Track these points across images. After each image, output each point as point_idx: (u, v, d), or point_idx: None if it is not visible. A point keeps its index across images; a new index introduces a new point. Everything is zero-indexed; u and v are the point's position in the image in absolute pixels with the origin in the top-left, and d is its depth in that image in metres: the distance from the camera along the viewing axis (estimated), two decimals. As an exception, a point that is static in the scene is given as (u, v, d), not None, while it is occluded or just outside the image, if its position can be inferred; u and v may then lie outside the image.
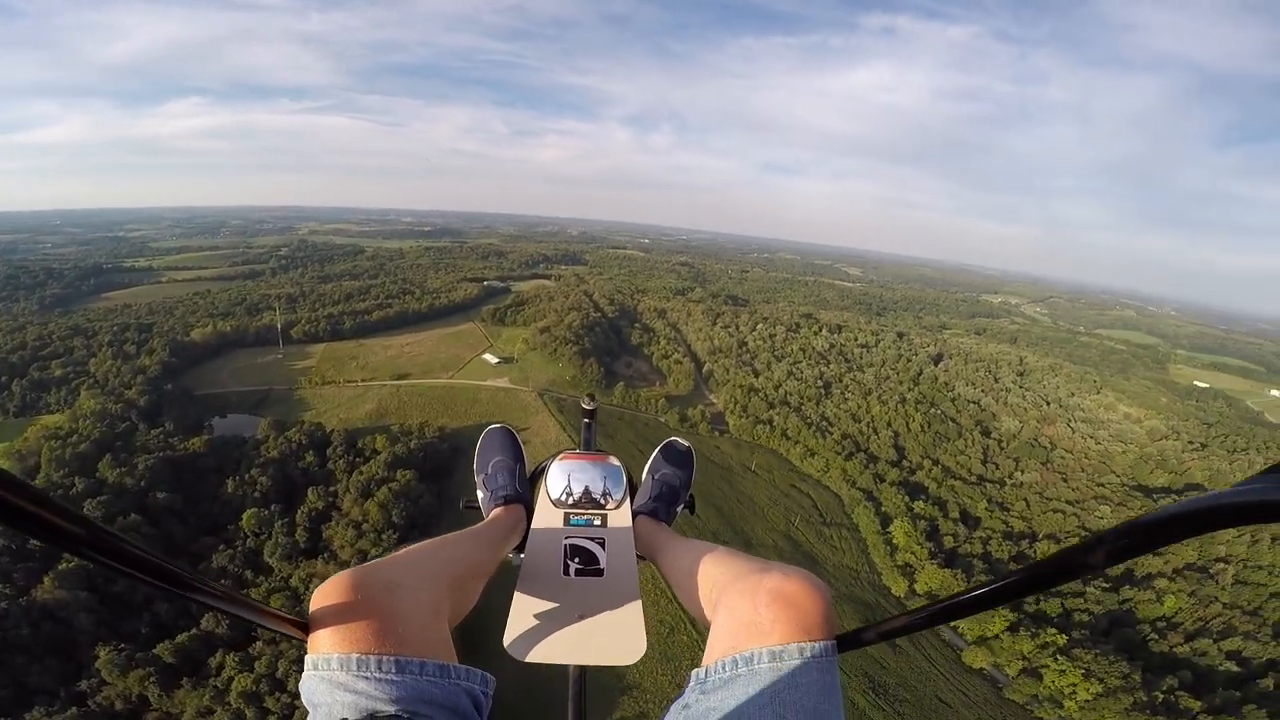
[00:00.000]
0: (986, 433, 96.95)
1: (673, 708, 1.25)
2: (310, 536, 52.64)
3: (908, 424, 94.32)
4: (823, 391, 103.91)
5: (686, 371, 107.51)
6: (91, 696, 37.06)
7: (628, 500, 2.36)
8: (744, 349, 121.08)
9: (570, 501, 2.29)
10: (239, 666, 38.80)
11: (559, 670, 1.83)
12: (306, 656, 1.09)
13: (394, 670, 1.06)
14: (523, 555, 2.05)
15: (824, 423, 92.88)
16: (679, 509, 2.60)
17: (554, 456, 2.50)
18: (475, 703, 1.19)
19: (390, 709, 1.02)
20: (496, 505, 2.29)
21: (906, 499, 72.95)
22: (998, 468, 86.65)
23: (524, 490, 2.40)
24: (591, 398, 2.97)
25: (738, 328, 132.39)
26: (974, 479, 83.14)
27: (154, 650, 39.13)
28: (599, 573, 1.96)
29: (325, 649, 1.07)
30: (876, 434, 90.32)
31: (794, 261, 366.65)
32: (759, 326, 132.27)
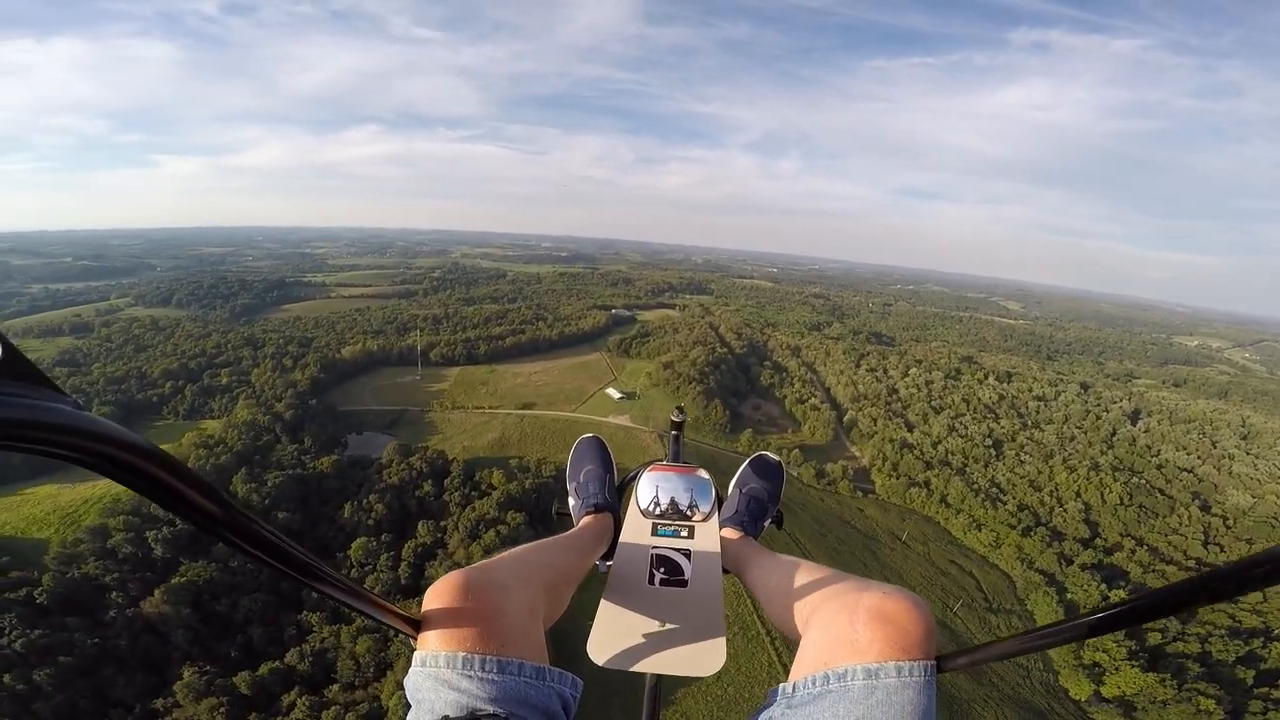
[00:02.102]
0: (1206, 508, 79.72)
1: None
2: (413, 574, 50.32)
3: (1103, 495, 78.98)
4: (992, 452, 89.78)
5: (825, 420, 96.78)
6: (162, 717, 36.25)
7: (715, 513, 2.36)
8: (894, 397, 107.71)
9: (658, 512, 2.32)
10: (309, 711, 36.46)
11: (626, 675, 1.83)
12: (415, 653, 1.15)
13: (496, 670, 1.11)
14: (610, 563, 2.11)
15: (994, 489, 79.92)
16: (766, 524, 2.55)
17: (644, 467, 2.53)
18: (564, 705, 1.22)
19: (490, 709, 1.06)
20: (587, 513, 2.33)
21: (1101, 585, 61.23)
22: (1223, 550, 70.17)
23: (613, 499, 2.42)
24: (681, 410, 3.00)
25: (886, 371, 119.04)
26: (1191, 563, 67.68)
27: (233, 679, 37.86)
28: (683, 584, 1.97)
29: (434, 646, 1.12)
30: (1062, 506, 76.33)
31: (943, 294, 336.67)
32: (912, 371, 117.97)
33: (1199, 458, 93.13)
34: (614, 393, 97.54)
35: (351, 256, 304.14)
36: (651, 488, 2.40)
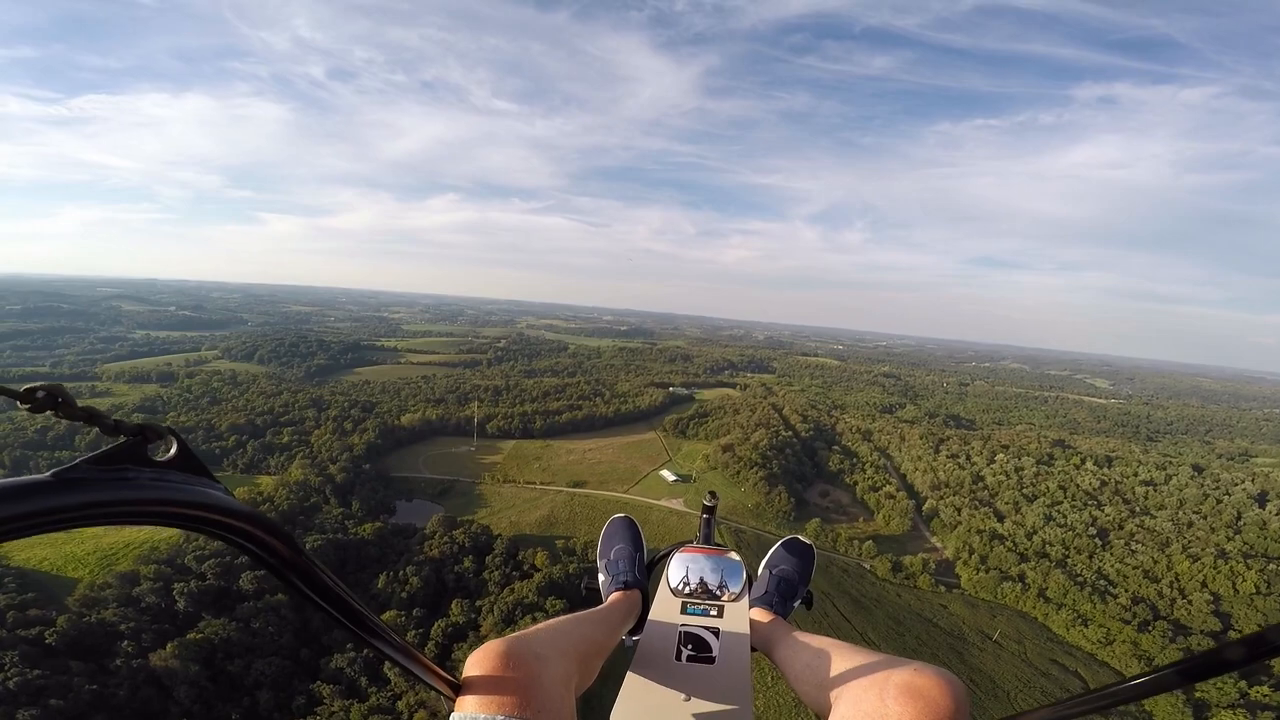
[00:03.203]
0: (1358, 596, 69.71)
1: None
2: (439, 654, 46.28)
3: (1234, 584, 70.70)
4: (1097, 541, 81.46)
5: (902, 509, 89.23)
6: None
7: (746, 594, 2.42)
8: (980, 485, 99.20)
9: (688, 591, 2.39)
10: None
11: None
12: (453, 714, 1.20)
13: None
14: (637, 638, 2.16)
15: (1102, 582, 72.46)
16: (796, 604, 2.60)
17: (675, 547, 2.65)
18: None
19: None
20: (616, 589, 2.46)
21: (1240, 683, 54.59)
22: None
23: (642, 577, 2.53)
24: (713, 495, 3.09)
25: (969, 457, 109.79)
26: None
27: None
28: (711, 660, 2.00)
29: (473, 709, 1.17)
30: (1186, 597, 69.02)
31: (1022, 371, 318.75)
32: (999, 457, 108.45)
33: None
34: (669, 475, 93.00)
35: (425, 322, 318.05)
36: (682, 568, 2.46)
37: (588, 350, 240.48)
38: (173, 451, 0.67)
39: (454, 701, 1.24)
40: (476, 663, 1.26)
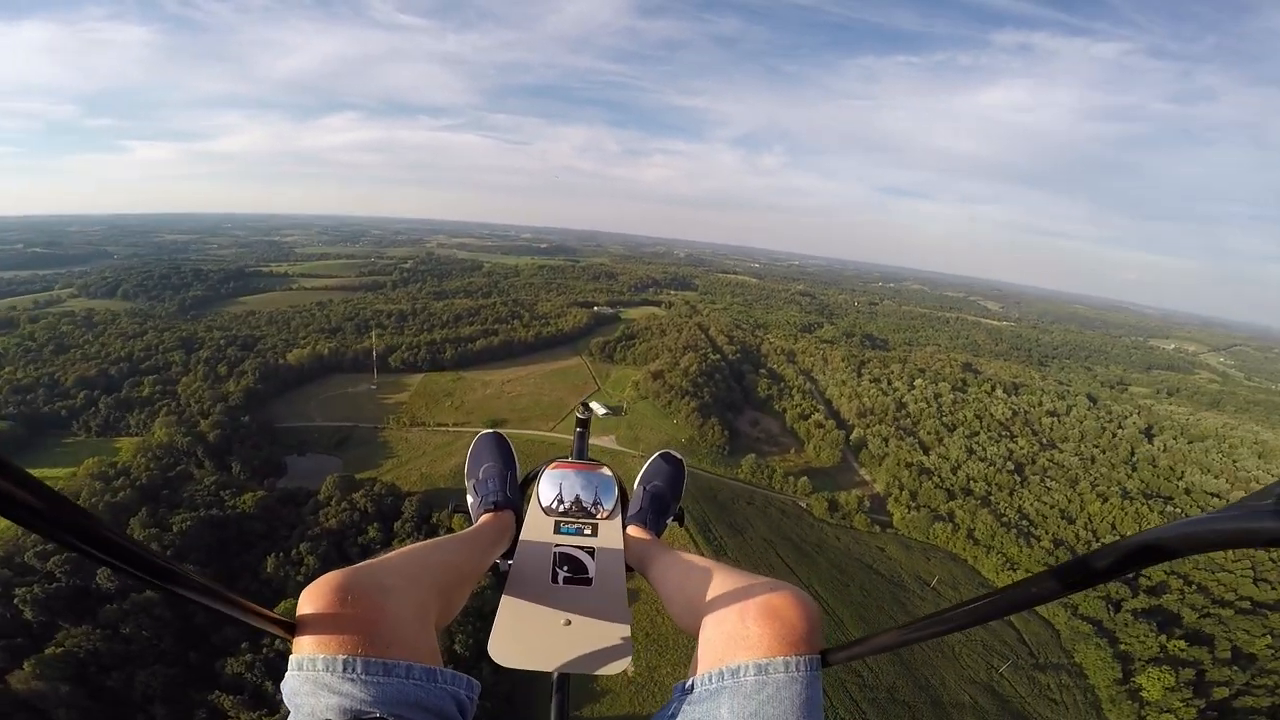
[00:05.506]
0: (1251, 540, 73.76)
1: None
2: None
3: (1140, 527, 71.33)
4: (1016, 477, 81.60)
5: (832, 439, 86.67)
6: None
7: (619, 511, 2.35)
8: (903, 412, 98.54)
9: (560, 510, 2.29)
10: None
11: (543, 676, 1.81)
12: (291, 656, 1.09)
13: (380, 672, 1.06)
14: (510, 561, 2.07)
15: (1024, 522, 71.88)
16: (669, 521, 2.55)
17: (547, 464, 2.52)
18: (460, 707, 1.20)
19: (374, 711, 1.02)
20: (486, 511, 2.27)
21: (1157, 634, 54.06)
22: (1274, 588, 62.11)
23: (514, 497, 2.36)
24: (586, 406, 3.06)
25: (889, 382, 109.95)
26: (1247, 604, 59.18)
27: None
28: (587, 582, 1.96)
29: (311, 650, 1.07)
30: (1099, 540, 68.40)
31: (922, 293, 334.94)
32: (918, 382, 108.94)
33: (1228, 481, 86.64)
34: (598, 407, 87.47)
35: (323, 245, 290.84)
36: (554, 485, 2.34)
37: (505, 269, 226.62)
38: None
39: (291, 643, 1.10)
40: (310, 600, 1.12)
